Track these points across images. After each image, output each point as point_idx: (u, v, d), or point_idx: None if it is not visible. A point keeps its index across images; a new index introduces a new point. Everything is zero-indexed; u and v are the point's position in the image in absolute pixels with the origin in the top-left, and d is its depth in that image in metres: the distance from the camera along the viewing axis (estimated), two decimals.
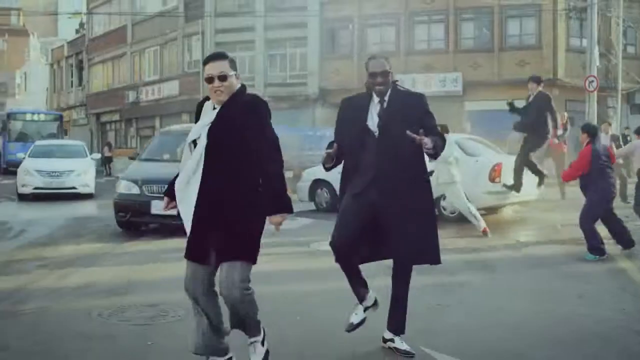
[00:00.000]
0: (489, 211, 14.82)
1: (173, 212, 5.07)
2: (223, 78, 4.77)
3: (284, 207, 4.70)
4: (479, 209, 13.23)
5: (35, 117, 39.29)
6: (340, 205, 5.65)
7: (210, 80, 4.79)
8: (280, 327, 6.02)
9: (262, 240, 4.78)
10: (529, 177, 13.67)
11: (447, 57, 32.81)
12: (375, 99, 5.57)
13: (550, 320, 6.62)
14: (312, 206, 16.63)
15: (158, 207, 11.39)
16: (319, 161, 11.32)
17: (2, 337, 6.15)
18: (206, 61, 4.85)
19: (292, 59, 35.50)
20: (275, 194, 4.68)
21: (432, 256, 5.50)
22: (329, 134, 9.73)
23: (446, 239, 11.45)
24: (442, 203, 13.96)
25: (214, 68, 4.78)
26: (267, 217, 4.66)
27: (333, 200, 15.27)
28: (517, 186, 13.27)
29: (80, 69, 52.35)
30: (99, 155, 27.53)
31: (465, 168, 13.44)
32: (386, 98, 5.54)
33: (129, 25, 43.85)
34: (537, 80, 13.11)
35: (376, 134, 5.49)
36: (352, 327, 5.65)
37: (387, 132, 5.45)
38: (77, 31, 56.13)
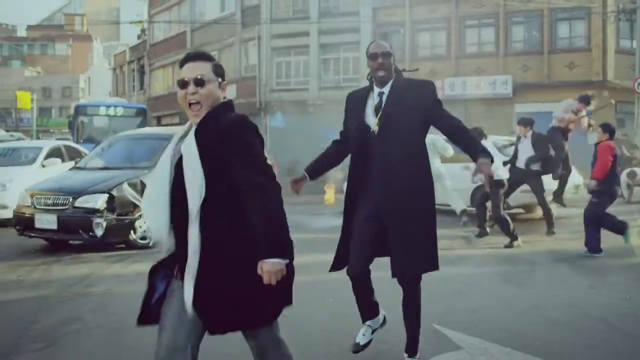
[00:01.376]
0: (525, 209, 15.59)
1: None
2: (200, 83, 3.61)
3: (274, 249, 3.40)
4: (516, 207, 14.14)
5: (112, 111, 30.78)
6: (351, 222, 5.12)
7: (183, 85, 3.65)
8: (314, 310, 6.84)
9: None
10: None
11: (497, 60, 33.16)
12: (375, 90, 5.16)
13: (559, 305, 7.40)
14: None
15: (43, 221, 11.31)
16: None
17: (76, 311, 7.28)
18: (183, 62, 3.71)
19: (345, 63, 36.23)
20: (266, 233, 3.39)
21: (431, 263, 5.07)
22: None
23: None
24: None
25: (190, 70, 3.65)
26: (258, 264, 3.38)
27: None
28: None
29: (141, 73, 53.76)
30: None
31: (505, 169, 14.18)
32: (385, 89, 5.11)
33: (188, 32, 45.07)
34: (528, 122, 13.47)
35: (375, 132, 5.04)
36: (359, 348, 5.27)
37: (387, 129, 4.99)
38: (138, 37, 57.68)
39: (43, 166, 16.54)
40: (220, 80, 3.72)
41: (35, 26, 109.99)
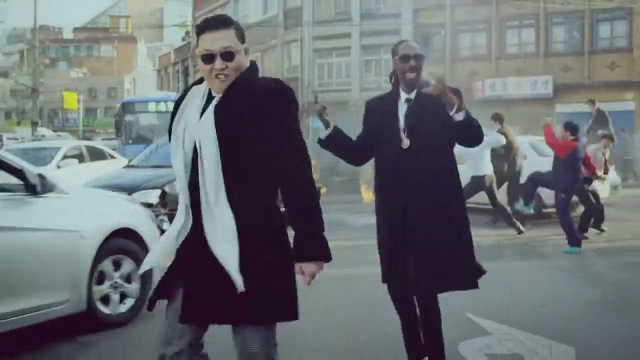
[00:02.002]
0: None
1: None
2: (229, 56, 3.16)
3: (320, 252, 3.16)
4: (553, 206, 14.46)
5: (162, 107, 26.37)
6: (379, 238, 4.94)
7: (208, 58, 3.17)
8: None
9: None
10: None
11: (538, 60, 33.33)
12: (403, 96, 4.85)
13: (588, 299, 7.83)
14: None
15: None
16: None
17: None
18: (202, 29, 3.20)
19: (387, 64, 36.48)
20: (308, 232, 3.16)
21: (466, 280, 4.84)
22: None
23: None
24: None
25: (214, 41, 3.15)
26: (296, 264, 3.15)
27: None
28: None
29: (186, 74, 54.64)
30: None
31: (540, 168, 14.56)
32: (412, 95, 4.79)
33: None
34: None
35: (402, 142, 4.74)
36: None
37: (415, 137, 4.73)
38: (182, 39, 58.59)
39: (58, 167, 16.07)
40: (244, 44, 3.25)
41: (81, 28, 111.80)
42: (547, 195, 14.37)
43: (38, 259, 5.39)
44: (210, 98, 3.25)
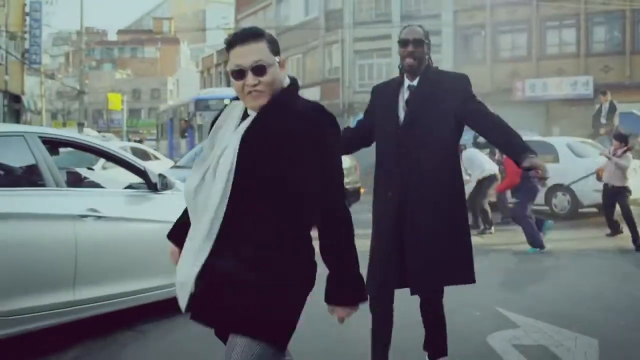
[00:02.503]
0: (599, 208, 16.13)
1: None
2: (260, 70, 2.92)
3: (352, 296, 2.96)
4: (589, 206, 14.80)
5: None
6: (373, 235, 4.71)
7: (239, 74, 2.94)
8: None
9: None
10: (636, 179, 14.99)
11: (578, 61, 33.28)
12: (406, 82, 4.61)
13: (615, 295, 8.16)
14: None
15: None
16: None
17: None
18: (231, 44, 2.99)
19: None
20: (341, 276, 2.93)
21: (464, 274, 4.57)
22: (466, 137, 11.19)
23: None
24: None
25: (244, 55, 2.94)
26: (328, 305, 2.97)
27: None
28: None
29: (228, 75, 55.37)
30: None
31: (575, 168, 14.88)
32: (415, 82, 4.56)
33: (273, 35, 46.37)
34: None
35: (399, 131, 4.54)
36: None
37: (413, 126, 4.49)
38: (225, 41, 59.27)
39: (104, 168, 16.02)
40: (278, 58, 3.01)
41: (125, 30, 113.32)
42: (582, 194, 14.70)
43: (156, 247, 5.90)
44: (245, 117, 3.03)
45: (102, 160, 16.77)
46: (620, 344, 6.04)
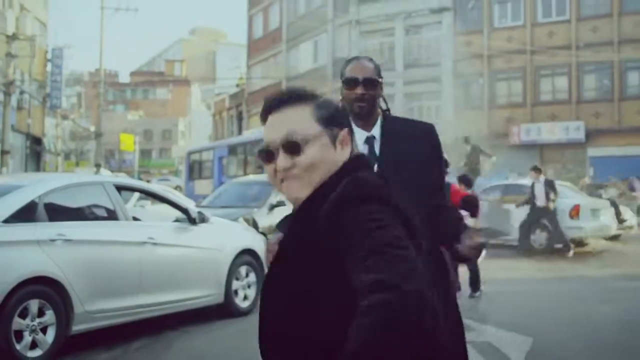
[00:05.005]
0: (575, 244, 17.99)
1: None
2: (293, 148, 2.04)
3: None
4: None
5: None
6: None
7: (267, 155, 2.11)
8: None
9: None
10: (607, 216, 17.03)
11: (570, 107, 35.26)
12: (359, 133, 3.30)
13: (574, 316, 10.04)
14: None
15: None
16: None
17: None
18: (266, 111, 2.14)
19: (428, 111, 38.73)
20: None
21: None
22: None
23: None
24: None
25: (275, 127, 2.09)
26: None
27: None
28: None
29: (240, 119, 57.38)
30: None
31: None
32: (376, 132, 3.47)
33: (283, 81, 48.53)
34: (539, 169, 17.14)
35: None
36: None
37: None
38: (237, 85, 61.43)
39: (140, 205, 17.39)
40: (333, 129, 2.07)
41: (137, 72, 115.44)
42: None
43: (197, 266, 8.51)
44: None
45: (132, 201, 18.89)
46: (552, 340, 7.91)
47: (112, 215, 7.81)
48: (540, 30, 36.05)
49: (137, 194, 19.55)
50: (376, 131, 3.49)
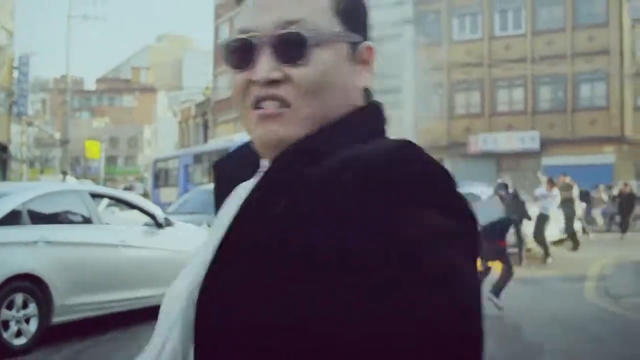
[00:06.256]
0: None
1: None
2: (291, 55, 1.12)
3: None
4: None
5: None
6: None
7: (243, 55, 1.16)
8: None
9: None
10: (553, 222, 18.17)
11: (526, 117, 36.57)
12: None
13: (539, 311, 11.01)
14: None
15: None
16: None
17: None
18: None
19: (390, 120, 39.44)
20: None
21: None
22: None
23: None
24: None
25: (266, 9, 1.15)
26: None
27: None
28: None
29: (206, 127, 57.91)
30: None
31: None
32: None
33: None
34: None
35: None
36: None
37: None
38: (203, 94, 61.93)
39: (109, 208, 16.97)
40: (356, 36, 1.24)
41: (103, 79, 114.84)
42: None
43: (163, 266, 9.09)
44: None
45: (101, 207, 19.54)
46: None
47: (87, 220, 8.70)
48: (498, 43, 37.33)
49: (106, 200, 20.49)
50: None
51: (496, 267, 10.95)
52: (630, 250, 18.47)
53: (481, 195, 18.80)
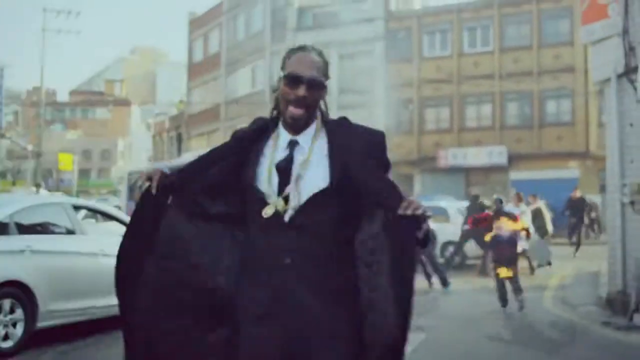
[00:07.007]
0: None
1: None
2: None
3: None
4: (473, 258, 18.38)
5: None
6: None
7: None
8: None
9: None
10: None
11: (494, 133, 37.21)
12: (283, 135, 3.02)
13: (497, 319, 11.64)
14: None
15: None
16: None
17: None
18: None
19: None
20: None
21: None
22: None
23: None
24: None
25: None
26: None
27: None
28: None
29: (179, 140, 58.27)
30: None
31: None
32: (303, 136, 2.98)
33: (222, 105, 49.79)
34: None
35: (285, 210, 2.83)
36: None
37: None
38: (177, 108, 62.34)
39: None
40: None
41: (77, 91, 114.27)
42: (468, 249, 18.23)
43: None
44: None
45: (82, 213, 19.97)
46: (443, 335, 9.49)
47: (70, 231, 9.25)
48: (466, 60, 38.00)
49: (83, 212, 20.98)
50: (305, 137, 2.96)
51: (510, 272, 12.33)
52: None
53: (448, 209, 19.51)
